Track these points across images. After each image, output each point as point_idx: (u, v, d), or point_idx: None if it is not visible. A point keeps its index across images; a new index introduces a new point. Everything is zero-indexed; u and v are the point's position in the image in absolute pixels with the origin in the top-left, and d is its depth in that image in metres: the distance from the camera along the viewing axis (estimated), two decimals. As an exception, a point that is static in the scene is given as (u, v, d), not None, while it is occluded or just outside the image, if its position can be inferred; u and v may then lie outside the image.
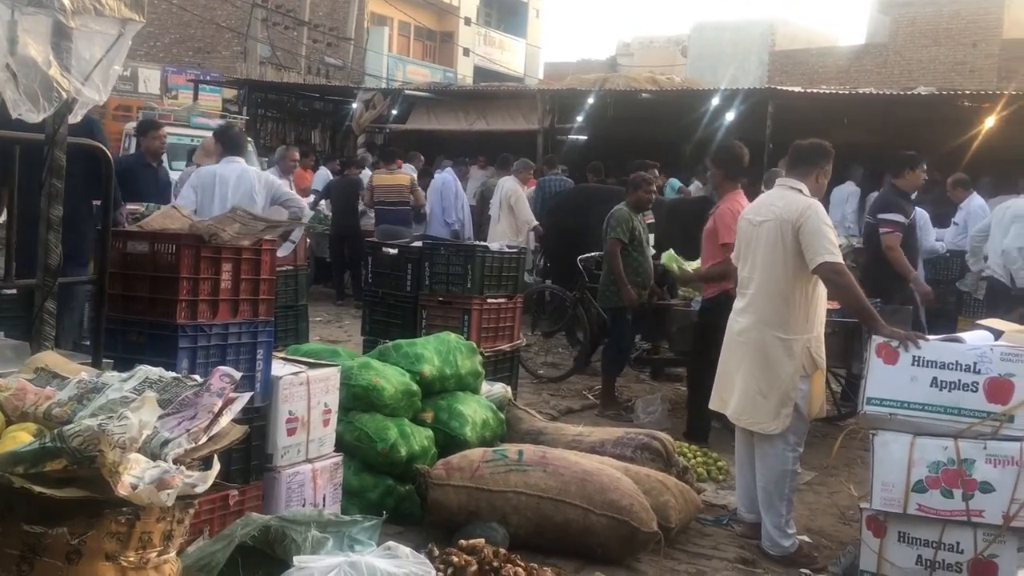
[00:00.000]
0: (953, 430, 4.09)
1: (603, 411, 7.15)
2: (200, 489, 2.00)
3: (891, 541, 4.21)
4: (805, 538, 4.70)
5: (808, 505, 5.42)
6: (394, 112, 17.43)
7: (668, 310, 7.53)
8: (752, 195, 5.67)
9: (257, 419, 3.60)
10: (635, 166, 10.10)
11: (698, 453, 6.01)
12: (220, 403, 2.19)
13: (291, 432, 3.73)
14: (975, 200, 9.52)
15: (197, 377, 2.41)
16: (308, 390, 3.79)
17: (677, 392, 8.15)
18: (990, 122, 12.20)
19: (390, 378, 4.56)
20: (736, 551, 4.59)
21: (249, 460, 3.60)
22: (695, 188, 12.86)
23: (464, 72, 31.00)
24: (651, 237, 7.89)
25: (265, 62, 24.57)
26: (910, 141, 13.68)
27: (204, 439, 2.11)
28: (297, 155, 11.59)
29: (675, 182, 12.79)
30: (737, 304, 4.79)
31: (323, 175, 13.54)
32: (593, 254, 8.72)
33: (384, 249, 6.60)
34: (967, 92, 13.57)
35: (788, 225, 4.45)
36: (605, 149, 14.95)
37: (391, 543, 2.86)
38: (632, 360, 8.40)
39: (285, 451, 3.72)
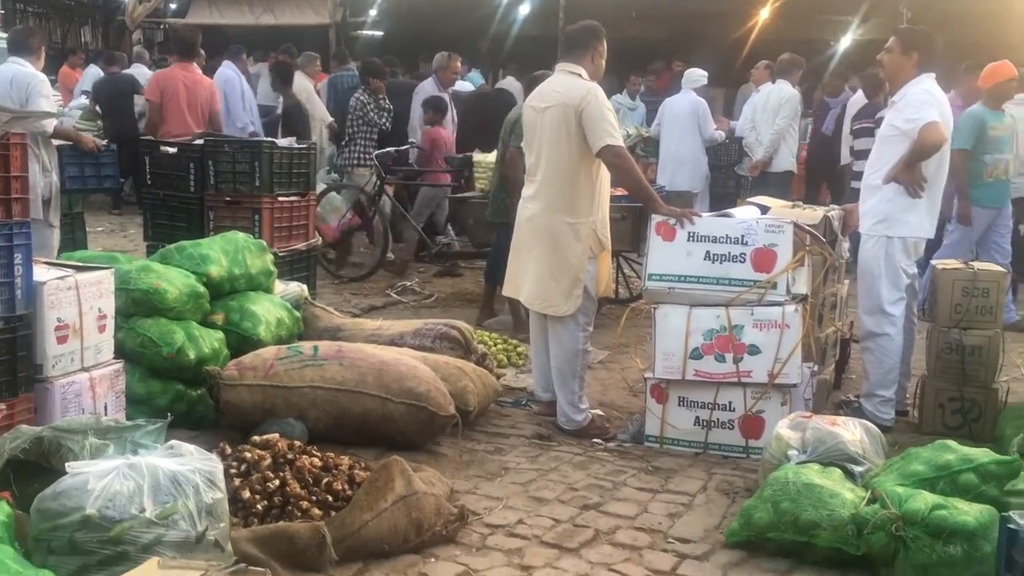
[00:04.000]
0: (724, 299, 4.39)
1: (480, 320, 6.75)
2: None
3: (672, 406, 4.52)
4: (598, 412, 4.95)
5: (601, 381, 5.70)
6: (172, 6, 16.23)
7: (466, 202, 7.56)
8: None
9: (21, 328, 3.35)
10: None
11: (498, 340, 6.15)
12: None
13: (61, 340, 3.49)
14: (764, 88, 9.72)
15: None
16: (78, 295, 3.54)
17: (480, 284, 8.28)
18: (764, 13, 12.80)
19: (173, 280, 4.35)
20: (533, 428, 4.78)
21: (16, 372, 3.35)
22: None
23: (250, -37, 29.10)
24: None
25: (19, -50, 22.05)
26: (696, 33, 14.27)
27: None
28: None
29: (476, 76, 12.70)
30: (526, 192, 4.86)
31: (93, 73, 12.47)
32: (389, 150, 8.61)
33: (163, 148, 6.21)
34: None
35: (571, 110, 4.52)
36: (401, 45, 14.61)
37: (174, 442, 2.78)
38: (433, 254, 8.45)
39: (56, 360, 3.49)
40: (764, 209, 4.99)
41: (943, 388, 4.74)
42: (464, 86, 10.83)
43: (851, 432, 3.67)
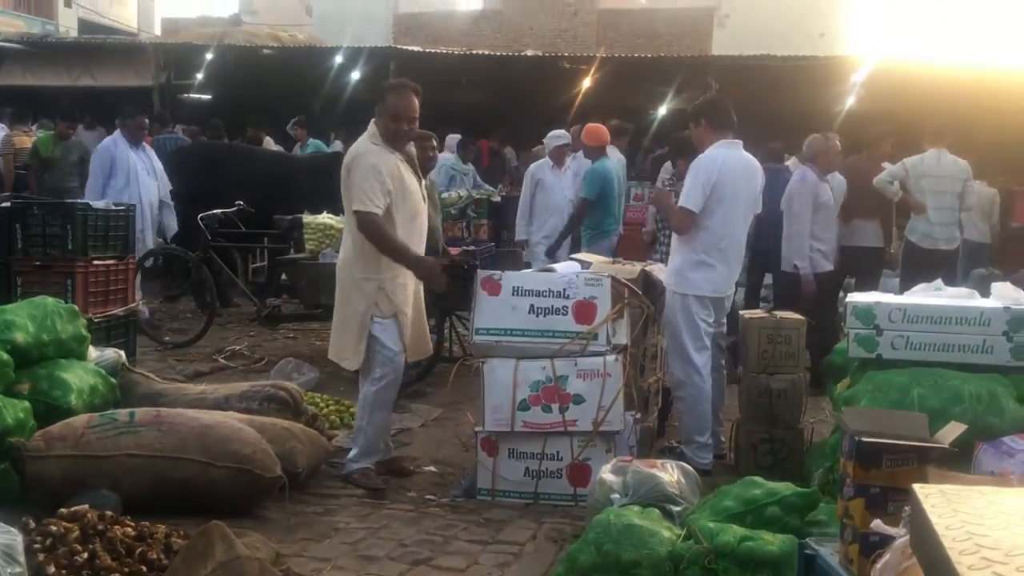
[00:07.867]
0: (549, 351, 4.52)
1: None
2: None
3: (503, 458, 4.59)
4: (370, 466, 4.76)
5: (435, 439, 5.71)
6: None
7: (296, 264, 7.48)
8: None
9: None
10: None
11: (330, 402, 6.07)
12: None
13: None
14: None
15: None
16: None
17: (312, 347, 8.17)
18: (587, 82, 13.44)
19: (-28, 349, 4.09)
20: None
21: None
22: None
23: (67, 24, 27.88)
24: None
25: None
26: (522, 99, 14.79)
27: None
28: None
29: (317, 143, 12.72)
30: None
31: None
32: (215, 212, 8.42)
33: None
34: (567, 55, 14.84)
35: (345, 171, 4.60)
36: (231, 108, 14.39)
37: (-33, 517, 2.59)
38: (264, 318, 8.26)
39: None
40: (586, 265, 5.21)
41: (754, 430, 5.03)
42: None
43: (669, 474, 3.84)
